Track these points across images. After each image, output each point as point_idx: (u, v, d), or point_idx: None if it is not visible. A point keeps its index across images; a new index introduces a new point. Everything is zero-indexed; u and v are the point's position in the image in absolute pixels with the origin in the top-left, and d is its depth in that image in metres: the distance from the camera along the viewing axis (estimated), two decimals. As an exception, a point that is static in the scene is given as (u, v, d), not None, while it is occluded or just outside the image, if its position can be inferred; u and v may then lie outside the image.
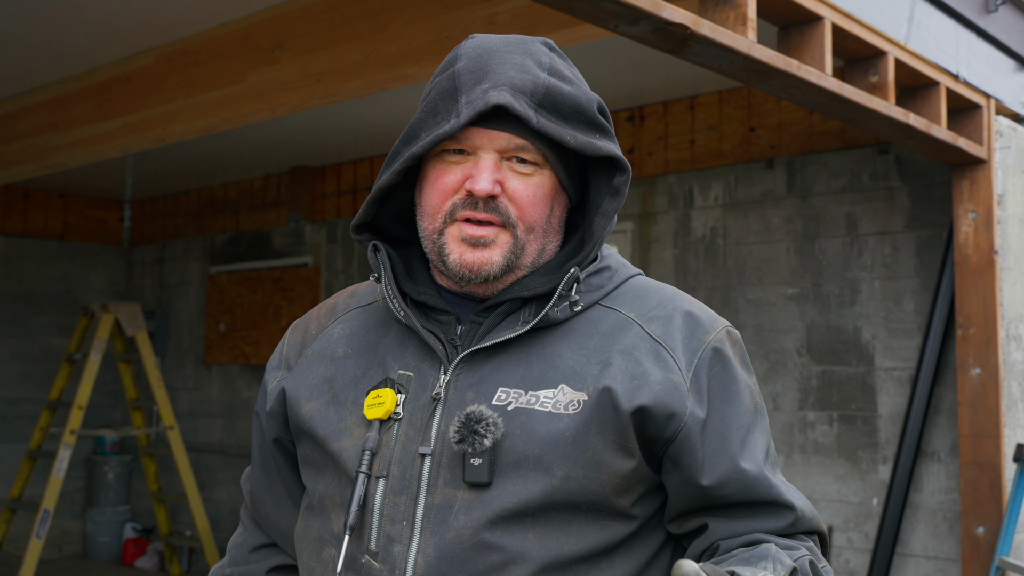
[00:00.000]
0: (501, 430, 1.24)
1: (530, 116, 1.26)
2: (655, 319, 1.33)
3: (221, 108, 4.24)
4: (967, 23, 4.00)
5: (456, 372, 1.31)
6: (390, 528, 1.27)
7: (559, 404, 1.26)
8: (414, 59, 3.59)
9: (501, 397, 1.27)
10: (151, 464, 7.63)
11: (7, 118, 5.32)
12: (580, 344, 1.31)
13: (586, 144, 1.30)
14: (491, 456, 1.24)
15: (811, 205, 4.93)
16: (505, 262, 1.31)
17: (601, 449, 1.25)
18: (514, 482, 1.24)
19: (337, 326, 1.46)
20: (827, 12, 3.22)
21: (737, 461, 1.30)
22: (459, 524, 1.24)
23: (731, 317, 5.11)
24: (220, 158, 6.93)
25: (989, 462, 4.12)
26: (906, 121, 3.61)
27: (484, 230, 1.30)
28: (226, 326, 7.75)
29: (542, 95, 1.29)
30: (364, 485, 1.28)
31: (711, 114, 5.25)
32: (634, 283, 1.40)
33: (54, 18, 4.16)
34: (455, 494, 1.25)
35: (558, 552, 1.24)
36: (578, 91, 1.33)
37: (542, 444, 1.24)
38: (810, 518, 1.34)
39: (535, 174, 1.32)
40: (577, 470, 1.24)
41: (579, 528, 1.26)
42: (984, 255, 4.18)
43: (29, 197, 8.00)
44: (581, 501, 1.25)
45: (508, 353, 1.31)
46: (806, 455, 4.87)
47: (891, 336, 4.66)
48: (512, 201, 1.30)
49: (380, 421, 1.31)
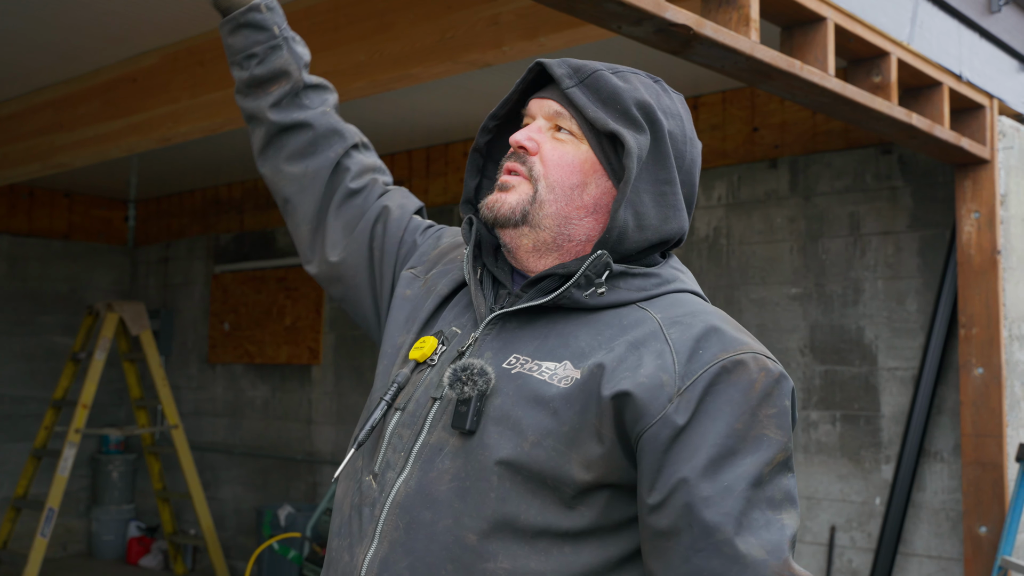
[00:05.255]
0: (489, 384, 1.31)
1: (564, 81, 1.38)
2: (677, 324, 1.30)
3: (226, 108, 4.25)
4: (970, 23, 4.01)
5: (485, 333, 1.39)
6: (391, 456, 1.37)
7: (555, 376, 1.29)
8: (418, 59, 3.60)
9: (511, 361, 1.33)
10: (155, 463, 7.65)
11: (12, 118, 5.33)
12: (599, 331, 1.33)
13: (596, 117, 1.35)
14: (478, 407, 1.30)
15: (814, 205, 4.94)
16: (519, 207, 1.39)
17: (579, 427, 1.26)
18: (491, 436, 1.29)
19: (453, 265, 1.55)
20: (830, 13, 3.22)
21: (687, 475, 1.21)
22: (443, 467, 1.31)
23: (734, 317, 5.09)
24: (225, 158, 6.94)
25: (992, 462, 4.12)
26: (909, 121, 3.61)
27: (509, 177, 1.41)
28: (230, 325, 7.76)
29: (588, 75, 1.38)
30: (382, 412, 1.39)
31: (714, 114, 5.25)
32: (682, 295, 1.38)
33: (59, 18, 4.18)
34: (448, 439, 1.32)
35: (513, 515, 1.26)
36: (628, 88, 1.38)
37: (525, 408, 1.28)
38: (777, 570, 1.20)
39: (569, 143, 1.40)
40: (549, 440, 1.26)
41: (543, 501, 1.27)
42: (987, 255, 4.18)
43: (34, 197, 8.01)
44: (547, 474, 1.26)
45: (535, 327, 1.36)
46: (809, 455, 4.87)
47: (894, 336, 4.66)
48: (542, 160, 1.39)
49: (416, 362, 1.43)
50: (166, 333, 8.28)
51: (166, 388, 7.33)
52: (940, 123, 3.83)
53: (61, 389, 7.16)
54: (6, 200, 7.83)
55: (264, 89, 1.70)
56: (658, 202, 1.37)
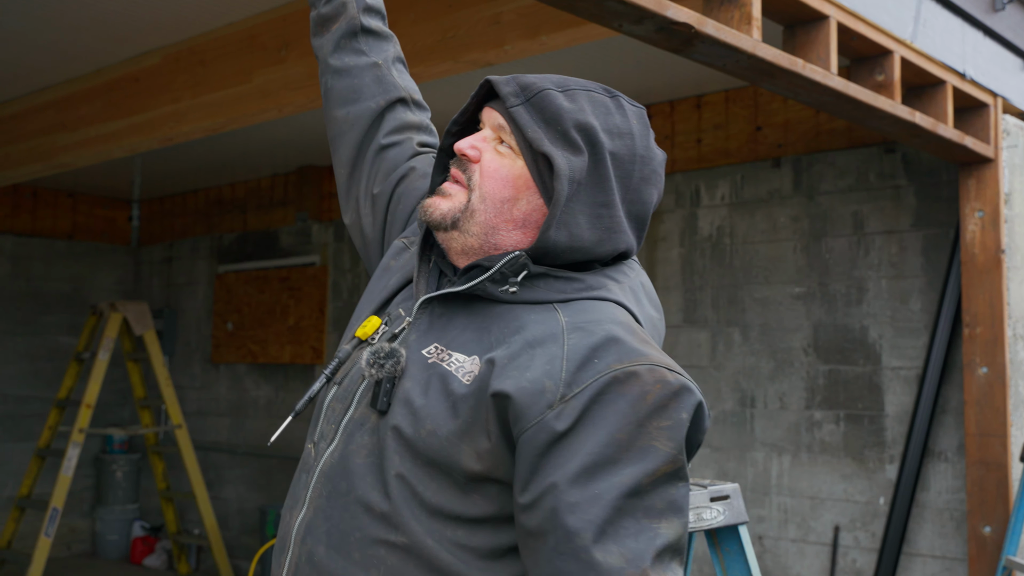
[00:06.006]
0: (397, 368, 1.37)
1: (510, 99, 1.40)
2: (579, 330, 1.31)
3: (228, 108, 4.25)
4: (974, 21, 3.99)
5: (417, 317, 1.44)
6: (325, 427, 1.45)
7: (462, 370, 1.34)
8: (420, 58, 3.60)
9: (430, 350, 1.38)
10: (159, 463, 7.66)
11: (15, 118, 5.34)
12: (507, 325, 1.36)
13: (534, 137, 1.37)
14: (388, 389, 1.37)
15: (818, 204, 4.93)
16: (449, 214, 1.42)
17: (472, 422, 1.30)
18: (396, 418, 1.34)
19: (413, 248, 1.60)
20: (832, 11, 3.22)
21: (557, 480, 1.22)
22: (361, 441, 1.38)
23: (735, 317, 5.12)
24: (227, 158, 6.95)
25: (996, 461, 4.11)
26: (912, 120, 3.60)
27: (449, 185, 1.45)
28: (234, 325, 7.77)
29: (535, 94, 1.39)
30: (321, 384, 1.47)
31: (717, 113, 5.25)
32: (599, 303, 1.37)
33: (61, 18, 4.18)
34: (369, 415, 1.39)
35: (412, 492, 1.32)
36: (573, 109, 1.38)
37: (427, 397, 1.34)
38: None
39: (508, 156, 1.42)
40: (443, 431, 1.31)
41: (439, 484, 1.32)
42: (991, 254, 4.17)
43: (38, 196, 8.03)
44: (439, 460, 1.31)
45: (461, 316, 1.41)
46: (813, 454, 4.86)
47: (898, 335, 4.65)
48: (481, 170, 1.42)
49: (359, 340, 1.49)
50: (170, 333, 8.30)
51: (170, 388, 7.34)
52: (944, 122, 3.82)
53: (65, 389, 7.16)
54: (9, 200, 7.84)
55: (327, 27, 1.79)
56: (594, 224, 1.38)
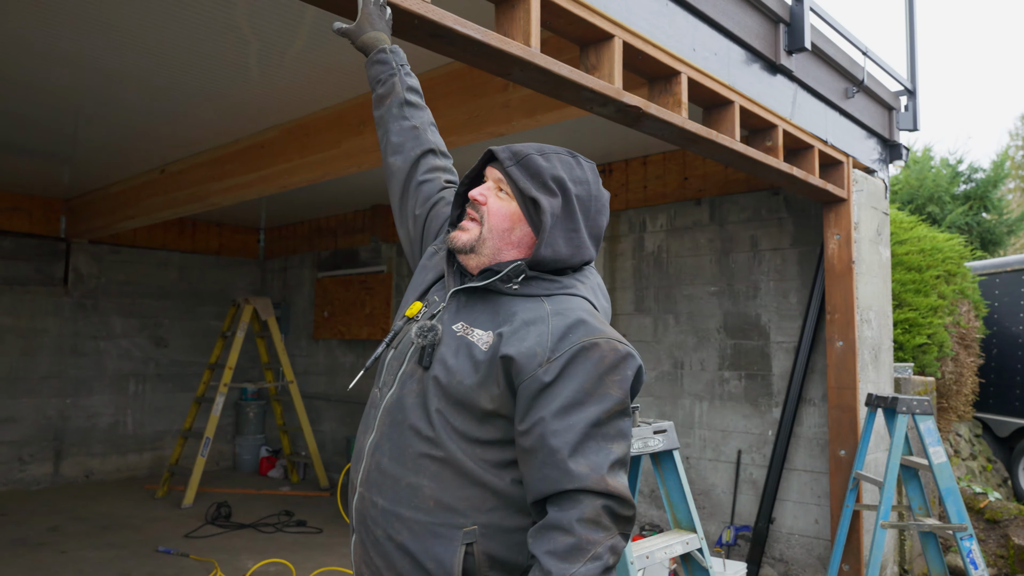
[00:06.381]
0: (437, 338, 1.39)
1: (506, 162, 1.44)
2: (559, 315, 1.36)
3: (324, 165, 4.25)
4: (832, 105, 3.97)
5: (449, 303, 1.45)
6: (387, 377, 1.47)
7: (481, 340, 1.37)
8: (453, 131, 3.60)
9: (458, 326, 1.41)
10: (278, 406, 7.66)
11: (181, 172, 5.35)
12: (511, 310, 1.40)
13: (525, 187, 1.42)
14: (430, 352, 1.39)
15: (727, 230, 4.91)
16: (468, 242, 1.45)
17: (487, 375, 1.34)
18: (435, 371, 1.37)
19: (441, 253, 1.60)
20: (736, 98, 3.20)
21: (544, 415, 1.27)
22: (411, 387, 1.40)
23: (670, 308, 5.09)
24: (324, 199, 6.96)
25: (848, 406, 4.09)
26: (791, 173, 3.58)
27: (467, 222, 1.47)
28: (328, 313, 7.76)
29: (521, 157, 1.45)
30: (382, 349, 1.50)
31: (658, 167, 5.23)
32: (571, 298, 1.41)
33: (213, 105, 4.18)
34: (416, 369, 1.41)
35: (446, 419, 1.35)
36: (547, 167, 1.44)
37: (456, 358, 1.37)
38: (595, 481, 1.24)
39: (506, 201, 1.45)
40: (467, 381, 1.34)
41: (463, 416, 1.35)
42: (845, 264, 4.15)
43: (196, 226, 8.04)
44: (463, 400, 1.34)
45: (478, 304, 1.43)
46: (723, 401, 4.84)
47: (781, 320, 4.63)
48: (488, 210, 1.46)
49: (408, 318, 1.50)
50: (285, 319, 8.30)
51: (285, 356, 7.34)
52: (813, 174, 3.80)
53: (214, 356, 7.18)
54: (176, 228, 7.85)
55: (382, 102, 1.80)
56: (568, 243, 1.43)
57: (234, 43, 3.35)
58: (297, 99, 4.09)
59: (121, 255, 7.57)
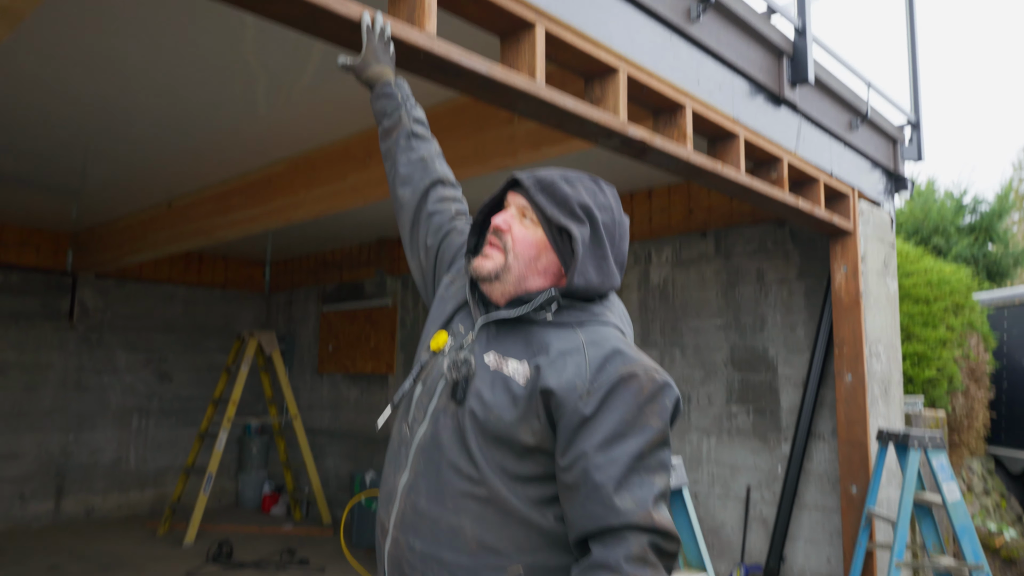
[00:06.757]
0: (470, 371, 1.35)
1: (529, 188, 1.41)
2: (594, 345, 1.33)
3: (330, 199, 4.26)
4: (837, 137, 3.98)
5: (478, 334, 1.41)
6: (417, 413, 1.41)
7: (517, 372, 1.33)
8: (459, 164, 3.61)
9: (490, 358, 1.37)
10: (281, 442, 7.60)
11: (188, 207, 5.38)
12: (545, 340, 1.36)
13: (553, 215, 1.39)
14: (464, 386, 1.34)
15: (732, 263, 4.89)
16: (493, 270, 1.41)
17: (527, 409, 1.29)
18: (472, 406, 1.32)
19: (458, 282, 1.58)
20: (740, 130, 3.21)
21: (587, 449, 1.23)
22: (445, 423, 1.35)
23: (677, 341, 5.06)
24: (329, 232, 6.98)
25: (859, 441, 4.03)
26: (797, 205, 3.58)
27: (489, 249, 1.43)
28: (332, 347, 7.74)
29: (546, 184, 1.42)
30: (410, 383, 1.44)
31: (663, 200, 5.23)
32: (603, 327, 1.38)
33: (221, 139, 4.21)
34: (448, 404, 1.36)
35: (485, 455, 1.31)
36: (573, 193, 1.40)
37: (492, 391, 1.32)
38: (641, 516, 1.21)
39: (530, 228, 1.42)
40: (506, 416, 1.30)
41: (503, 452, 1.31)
42: (853, 297, 4.12)
43: (202, 259, 8.06)
44: (502, 436, 1.30)
45: (509, 334, 1.39)
46: (731, 436, 4.78)
47: (789, 353, 4.59)
48: (512, 238, 1.42)
49: (433, 351, 1.46)
50: (289, 352, 8.27)
51: (289, 390, 7.30)
52: (818, 206, 3.79)
53: (218, 391, 7.14)
54: (183, 262, 7.88)
55: (389, 135, 1.79)
56: (598, 270, 1.40)
57: (242, 79, 3.38)
58: (304, 133, 4.12)
59: (127, 289, 7.58)
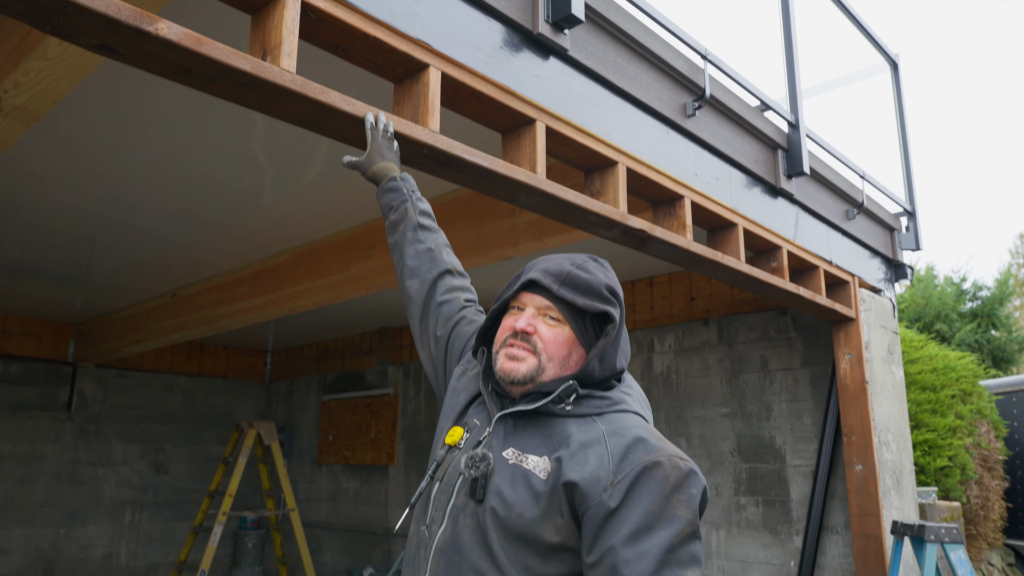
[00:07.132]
0: (489, 468, 1.31)
1: (552, 287, 1.38)
2: (616, 434, 1.30)
3: (333, 288, 4.28)
4: (835, 226, 4.03)
5: (495, 428, 1.38)
6: (435, 513, 1.36)
7: (538, 467, 1.29)
8: (461, 253, 3.63)
9: (508, 452, 1.33)
10: (278, 536, 7.38)
11: (191, 296, 5.40)
12: (566, 433, 1.32)
13: (587, 304, 1.37)
14: (483, 483, 1.30)
15: (736, 350, 4.86)
16: (528, 374, 1.37)
17: (549, 505, 1.25)
18: (492, 504, 1.28)
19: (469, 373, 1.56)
20: (739, 220, 3.25)
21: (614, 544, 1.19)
22: (465, 522, 1.31)
23: (682, 430, 4.98)
24: (331, 321, 6.98)
25: (873, 534, 3.90)
26: (798, 293, 3.58)
27: (517, 351, 1.38)
28: (332, 437, 7.62)
29: (564, 277, 1.40)
30: (427, 482, 1.40)
31: (664, 288, 5.25)
32: (623, 415, 1.36)
33: (227, 231, 4.27)
34: (468, 502, 1.32)
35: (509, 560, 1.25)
36: (593, 278, 1.40)
37: (512, 489, 1.29)
38: None
39: (557, 327, 1.39)
40: (528, 514, 1.26)
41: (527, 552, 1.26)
42: (859, 384, 4.08)
43: (203, 349, 8.04)
44: (526, 535, 1.25)
45: (527, 428, 1.36)
46: (740, 529, 4.63)
47: (796, 442, 4.50)
48: (541, 339, 1.38)
49: (449, 446, 1.42)
50: (289, 443, 8.14)
51: (287, 482, 7.14)
52: (819, 293, 3.80)
53: (214, 483, 6.99)
54: (183, 351, 7.85)
55: (396, 228, 1.79)
56: (620, 353, 1.41)
57: (250, 172, 3.45)
58: (309, 225, 4.18)
59: (127, 379, 7.53)
